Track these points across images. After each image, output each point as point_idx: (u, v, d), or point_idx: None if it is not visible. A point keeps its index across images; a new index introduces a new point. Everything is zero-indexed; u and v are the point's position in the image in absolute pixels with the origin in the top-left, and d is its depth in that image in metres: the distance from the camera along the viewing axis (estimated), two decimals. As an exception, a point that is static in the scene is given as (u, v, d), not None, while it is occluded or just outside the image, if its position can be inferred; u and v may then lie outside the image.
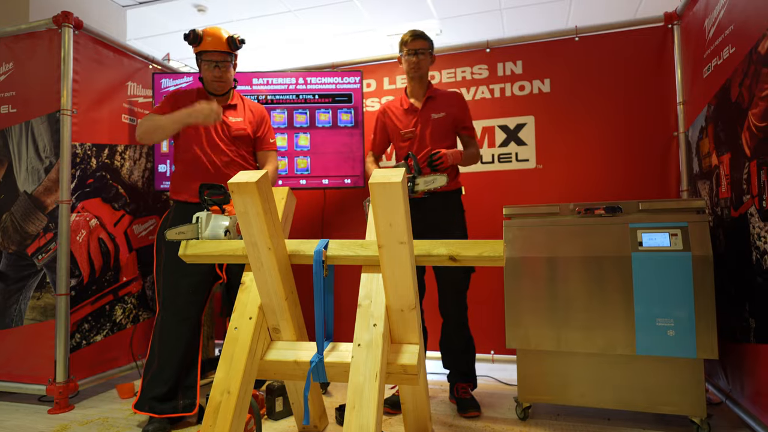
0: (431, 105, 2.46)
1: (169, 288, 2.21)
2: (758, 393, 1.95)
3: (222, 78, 2.26)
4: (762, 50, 1.80)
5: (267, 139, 2.43)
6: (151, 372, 2.16)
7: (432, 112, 2.45)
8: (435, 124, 2.43)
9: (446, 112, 2.44)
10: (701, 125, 2.49)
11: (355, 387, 1.35)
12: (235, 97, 2.40)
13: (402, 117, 2.51)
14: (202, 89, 2.34)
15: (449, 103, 2.47)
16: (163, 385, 2.13)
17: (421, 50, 2.40)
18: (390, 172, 1.32)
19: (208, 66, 2.24)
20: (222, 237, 1.74)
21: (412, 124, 2.45)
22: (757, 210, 1.89)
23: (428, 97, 2.47)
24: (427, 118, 2.44)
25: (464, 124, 2.48)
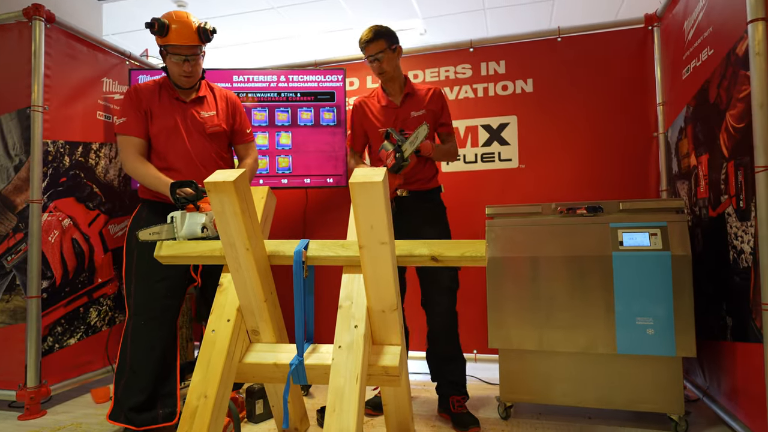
0: (410, 102, 2.37)
1: (142, 291, 2.09)
2: (734, 390, 1.97)
3: (191, 73, 2.13)
4: (740, 52, 1.82)
5: (244, 131, 2.33)
6: (124, 380, 2.04)
7: (411, 109, 2.36)
8: (414, 122, 2.34)
9: (426, 110, 2.36)
10: (680, 126, 2.52)
11: (335, 389, 1.32)
12: (204, 87, 2.26)
13: (380, 114, 2.40)
14: (166, 83, 2.19)
15: (428, 99, 2.39)
16: (140, 394, 2.01)
17: (379, 53, 2.27)
18: (371, 171, 1.30)
19: (177, 60, 2.08)
20: (200, 234, 1.70)
21: (391, 122, 2.37)
22: (735, 210, 1.91)
23: (406, 94, 2.38)
24: (406, 116, 2.36)
25: (443, 120, 2.42)
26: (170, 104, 2.17)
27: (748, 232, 1.81)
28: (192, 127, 2.17)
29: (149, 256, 1.70)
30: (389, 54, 2.29)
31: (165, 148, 2.15)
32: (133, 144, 2.12)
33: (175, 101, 2.18)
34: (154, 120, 2.14)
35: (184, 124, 2.16)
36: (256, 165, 2.36)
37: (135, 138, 2.12)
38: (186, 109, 2.18)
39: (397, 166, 2.09)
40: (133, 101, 2.14)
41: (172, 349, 2.13)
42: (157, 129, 2.14)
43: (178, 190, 1.85)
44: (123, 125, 2.12)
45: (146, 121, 2.14)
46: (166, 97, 2.18)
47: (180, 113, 2.17)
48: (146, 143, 2.15)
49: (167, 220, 1.70)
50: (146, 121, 2.14)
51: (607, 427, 2.09)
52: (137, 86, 2.19)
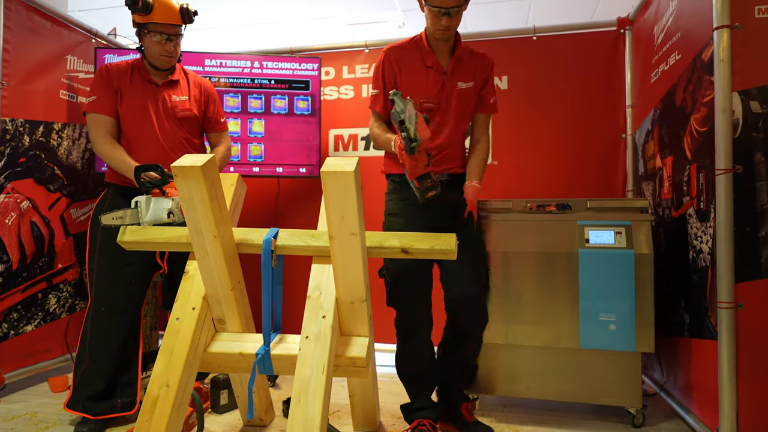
0: (459, 69, 1.91)
1: (104, 278, 2.03)
2: (689, 385, 2.05)
3: (172, 53, 2.09)
4: (705, 58, 1.88)
5: (218, 119, 2.29)
6: (83, 368, 2.00)
7: (459, 79, 1.90)
8: (461, 96, 1.91)
9: (474, 82, 1.92)
10: (648, 128, 2.59)
11: (301, 380, 1.31)
12: (178, 71, 2.21)
13: (421, 76, 1.90)
14: (138, 64, 2.14)
15: (480, 68, 1.94)
16: (99, 382, 1.97)
17: (456, 7, 1.78)
18: (343, 161, 1.29)
19: (159, 39, 2.04)
20: (165, 220, 1.65)
21: (435, 91, 1.89)
22: (696, 211, 1.98)
23: (458, 57, 1.90)
24: (452, 86, 1.90)
25: (487, 100, 1.96)
26: (141, 86, 2.12)
27: (707, 233, 1.87)
28: (162, 110, 2.12)
29: (113, 242, 1.65)
30: (462, 9, 1.82)
31: (132, 131, 2.10)
32: (102, 123, 2.06)
33: (147, 83, 2.13)
34: (123, 100, 2.09)
35: (154, 106, 2.11)
36: (228, 153, 2.31)
37: (105, 116, 2.07)
38: (158, 92, 2.13)
39: (409, 148, 1.60)
40: (104, 79, 2.09)
41: (134, 338, 2.09)
42: (125, 110, 2.09)
43: (143, 173, 1.80)
44: (93, 103, 2.07)
45: (116, 101, 2.09)
46: (138, 78, 2.13)
47: (151, 96, 2.12)
48: (116, 123, 2.10)
49: (131, 205, 1.65)
50: (116, 100, 2.09)
51: (568, 419, 2.14)
52: (109, 65, 2.13)
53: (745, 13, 1.72)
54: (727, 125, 1.72)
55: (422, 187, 1.67)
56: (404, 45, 1.97)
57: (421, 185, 1.67)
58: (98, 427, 1.96)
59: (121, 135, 2.13)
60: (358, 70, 3.25)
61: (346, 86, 3.26)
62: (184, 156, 1.40)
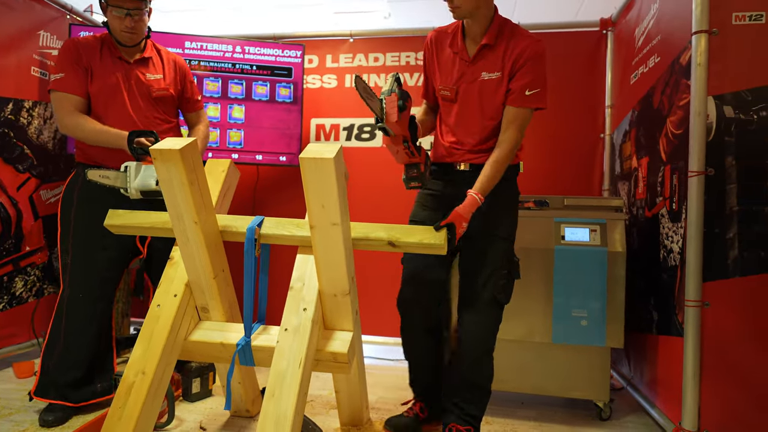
0: (486, 58, 1.71)
1: (80, 262, 1.96)
2: (654, 380, 2.13)
3: (134, 29, 1.96)
4: (683, 62, 1.93)
5: (194, 98, 2.21)
6: (56, 356, 1.93)
7: (483, 69, 1.70)
8: (484, 87, 1.71)
9: (502, 73, 1.69)
10: (625, 129, 2.64)
11: (276, 373, 1.30)
12: (149, 48, 2.09)
13: (446, 63, 1.76)
14: (108, 39, 2.02)
15: (510, 56, 1.68)
16: (76, 369, 1.92)
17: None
18: (324, 147, 1.26)
19: (118, 13, 1.91)
20: (153, 188, 1.62)
21: (453, 80, 1.74)
22: (668, 211, 2.04)
23: (485, 44, 1.69)
24: (475, 77, 1.72)
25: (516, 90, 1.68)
26: (112, 63, 2.00)
27: (678, 233, 1.93)
28: (136, 89, 2.02)
29: (89, 226, 1.60)
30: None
31: (104, 110, 1.97)
32: (71, 101, 1.92)
33: (118, 60, 2.02)
34: (94, 78, 1.96)
35: (126, 85, 2.00)
36: (208, 132, 2.25)
37: (73, 96, 1.93)
38: (129, 70, 2.02)
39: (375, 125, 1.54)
40: (71, 55, 1.95)
41: (109, 324, 2.05)
42: (96, 89, 1.96)
43: (136, 139, 1.74)
44: (59, 81, 1.93)
45: (86, 79, 1.96)
46: (108, 55, 2.01)
47: (123, 73, 2.01)
48: (86, 102, 1.97)
49: (121, 169, 1.60)
50: (86, 78, 1.96)
51: (538, 412, 2.20)
52: (77, 39, 2.00)
53: (723, 20, 1.77)
54: (702, 129, 1.77)
55: (407, 175, 1.61)
56: (447, 27, 1.81)
57: (407, 173, 1.61)
58: (65, 415, 1.91)
59: (91, 115, 2.00)
60: (342, 60, 3.22)
61: (329, 75, 3.23)
62: (165, 139, 1.37)
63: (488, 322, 1.76)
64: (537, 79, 1.69)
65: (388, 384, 2.50)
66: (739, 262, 1.75)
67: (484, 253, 1.74)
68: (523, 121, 1.72)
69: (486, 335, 1.77)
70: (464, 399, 1.76)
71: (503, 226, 1.77)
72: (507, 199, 1.80)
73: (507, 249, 1.77)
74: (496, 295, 1.73)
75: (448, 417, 1.77)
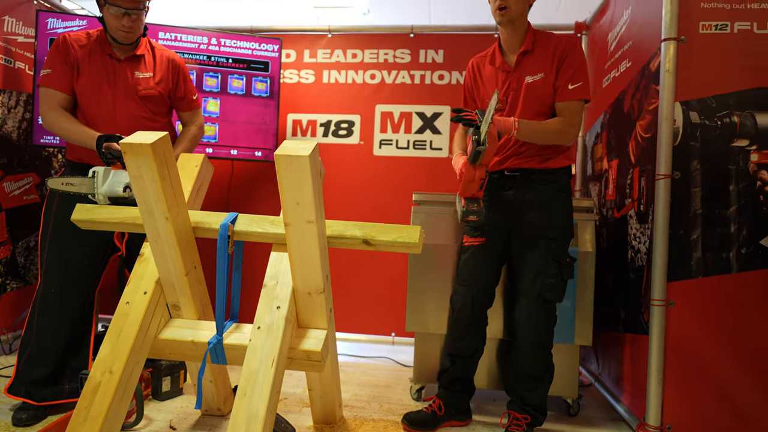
0: (527, 63, 1.85)
1: (56, 258, 1.93)
2: (621, 378, 2.19)
3: (131, 28, 1.94)
4: (653, 68, 1.98)
5: (189, 98, 2.18)
6: (28, 352, 1.90)
7: (527, 73, 1.84)
8: (530, 90, 1.83)
9: (545, 73, 1.82)
10: (597, 131, 2.70)
11: (249, 372, 1.29)
12: (143, 46, 2.06)
13: (490, 80, 1.92)
14: (100, 36, 2.00)
15: (551, 57, 1.83)
16: (45, 367, 1.88)
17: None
18: (299, 144, 1.25)
19: (116, 12, 1.90)
20: (121, 194, 1.58)
21: (503, 91, 1.87)
22: (636, 213, 2.10)
23: (524, 51, 1.85)
24: (520, 82, 1.85)
25: (558, 82, 1.82)
26: (101, 60, 1.99)
27: (645, 234, 1.99)
28: (122, 87, 1.99)
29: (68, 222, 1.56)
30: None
31: (89, 107, 1.97)
32: (55, 98, 1.94)
33: (107, 58, 1.99)
34: (80, 75, 1.96)
35: (112, 83, 1.98)
36: (200, 132, 2.22)
37: (58, 92, 1.94)
38: (118, 68, 2.00)
39: (473, 153, 1.61)
40: (60, 52, 1.95)
41: (85, 321, 2.00)
42: (81, 86, 1.96)
43: (105, 144, 1.71)
44: (46, 77, 1.94)
45: (72, 75, 1.96)
46: (98, 51, 1.99)
47: (110, 71, 1.99)
48: (70, 99, 1.97)
49: (89, 174, 1.57)
50: (72, 75, 1.96)
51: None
52: (68, 35, 2.00)
53: (691, 28, 1.83)
54: (669, 133, 1.83)
55: (467, 208, 1.70)
56: (483, 52, 2.00)
57: (467, 206, 1.71)
58: (39, 414, 1.86)
59: (77, 111, 2.01)
60: (320, 55, 3.20)
61: (306, 70, 3.21)
62: (135, 133, 1.34)
63: (537, 318, 1.86)
64: (578, 72, 1.82)
65: (362, 381, 2.51)
66: (702, 263, 1.81)
67: (533, 253, 1.86)
68: (570, 114, 1.82)
69: (535, 329, 1.87)
70: (523, 389, 1.91)
71: (553, 227, 1.86)
72: (560, 203, 1.89)
73: (557, 249, 1.86)
74: (544, 294, 1.83)
75: (511, 404, 1.95)
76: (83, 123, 1.95)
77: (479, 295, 1.96)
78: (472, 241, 1.96)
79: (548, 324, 1.89)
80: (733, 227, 1.80)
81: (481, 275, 1.96)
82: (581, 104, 1.85)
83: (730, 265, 1.80)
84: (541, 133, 1.80)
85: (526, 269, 1.87)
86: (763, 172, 1.79)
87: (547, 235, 1.85)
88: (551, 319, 1.90)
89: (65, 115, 1.93)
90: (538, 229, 1.85)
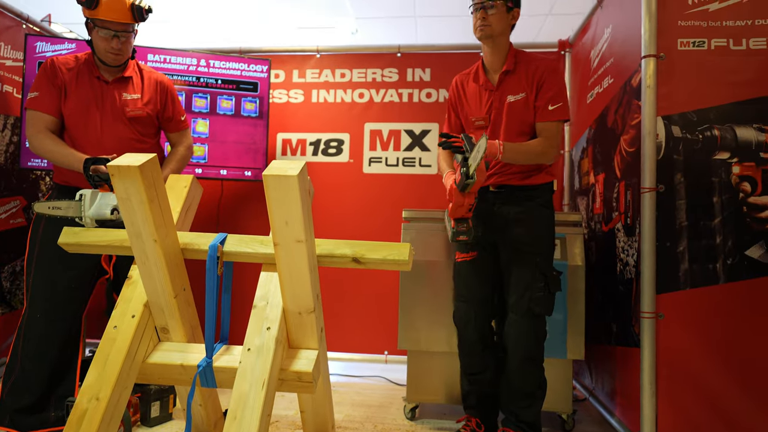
0: (509, 82, 1.91)
1: (43, 282, 1.91)
2: (615, 391, 2.19)
3: (120, 50, 1.95)
4: (634, 84, 2.02)
5: (177, 119, 2.18)
6: (12, 379, 1.86)
7: (508, 92, 1.90)
8: (512, 109, 1.89)
9: (527, 93, 1.88)
10: (583, 146, 2.74)
11: (239, 395, 1.27)
12: (131, 68, 2.08)
13: (473, 98, 1.97)
14: (88, 59, 2.01)
15: (533, 75, 1.88)
16: (30, 395, 1.84)
17: (492, 1, 1.83)
18: (288, 164, 1.26)
19: (105, 35, 1.91)
20: (108, 217, 1.57)
21: (485, 110, 1.92)
22: (623, 226, 2.12)
23: (505, 71, 1.91)
24: (502, 102, 1.90)
25: (537, 102, 1.87)
26: (89, 82, 2.00)
27: (633, 247, 2.01)
28: (109, 109, 2.00)
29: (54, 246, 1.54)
30: (502, 10, 1.85)
31: (76, 130, 1.98)
32: (42, 121, 1.94)
33: (95, 80, 2.01)
34: (67, 98, 1.97)
35: (100, 105, 1.99)
36: (189, 153, 2.22)
37: (45, 115, 1.94)
38: (106, 90, 2.01)
39: (462, 184, 1.70)
40: (48, 75, 1.96)
41: (72, 346, 1.96)
42: (69, 108, 1.97)
43: (93, 166, 1.71)
44: (34, 100, 1.94)
45: (60, 98, 1.96)
46: (86, 74, 2.00)
47: (99, 93, 2.00)
48: (58, 122, 1.98)
49: (75, 197, 1.56)
50: (60, 97, 1.96)
51: (504, 423, 2.22)
52: (56, 59, 2.00)
53: (670, 45, 1.88)
54: (652, 147, 1.86)
55: (457, 228, 1.77)
56: (467, 70, 2.06)
57: (457, 226, 1.77)
58: None
59: (65, 133, 2.00)
60: (309, 75, 3.23)
61: (296, 90, 3.23)
62: (123, 155, 1.34)
63: (526, 332, 1.87)
64: (558, 93, 1.88)
65: (355, 401, 2.49)
66: (690, 274, 1.83)
67: (519, 268, 1.88)
68: (550, 135, 1.88)
69: (525, 344, 1.88)
70: (517, 406, 1.91)
71: (539, 242, 1.90)
72: (543, 218, 1.93)
73: (542, 263, 1.89)
74: (533, 307, 1.85)
75: (506, 422, 1.94)
76: (70, 145, 1.95)
77: (480, 309, 1.97)
78: (465, 256, 1.98)
79: (538, 338, 1.90)
80: (719, 238, 1.83)
81: (478, 289, 1.97)
82: (560, 125, 1.91)
83: (717, 276, 1.82)
84: (524, 155, 1.85)
85: (514, 284, 1.89)
86: (745, 183, 1.82)
87: (532, 250, 1.88)
88: (541, 334, 1.91)
89: (52, 138, 1.93)
90: (523, 244, 1.88)
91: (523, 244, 1.88)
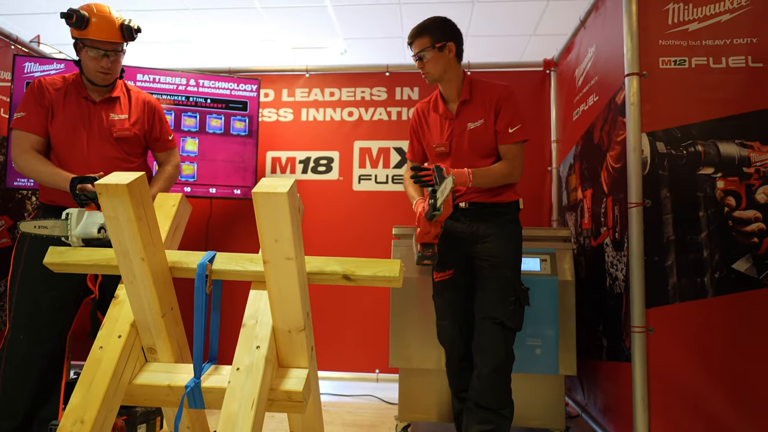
0: (467, 111, 1.99)
1: (26, 302, 1.87)
2: (607, 407, 2.18)
3: (110, 70, 1.96)
4: (618, 101, 2.07)
5: (165, 138, 2.17)
6: None
7: (468, 120, 1.98)
8: (473, 135, 1.97)
9: (485, 119, 1.96)
10: (570, 162, 2.78)
11: (228, 416, 1.24)
12: (119, 88, 2.08)
13: (434, 126, 2.05)
14: (76, 79, 2.01)
15: (490, 102, 1.96)
16: (12, 420, 1.79)
17: (422, 52, 1.94)
18: (277, 181, 1.26)
19: (95, 54, 1.91)
20: (95, 236, 1.55)
21: (445, 137, 2.01)
22: (611, 240, 2.14)
23: (463, 101, 1.99)
24: (462, 129, 1.98)
25: (496, 127, 1.95)
26: (76, 103, 1.99)
27: (622, 261, 2.02)
28: (96, 129, 1.99)
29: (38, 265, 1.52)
30: (436, 51, 1.93)
31: (63, 150, 1.96)
32: (29, 140, 1.93)
33: (82, 100, 2.00)
34: (54, 118, 1.96)
35: (87, 125, 1.98)
36: (176, 172, 2.21)
37: (31, 135, 1.94)
38: (93, 110, 2.01)
39: (430, 215, 1.78)
40: (35, 95, 1.96)
41: (56, 368, 1.92)
42: (56, 128, 1.96)
43: (80, 185, 1.70)
44: (20, 120, 1.94)
45: (47, 118, 1.96)
46: (74, 94, 2.00)
47: (85, 113, 1.99)
48: (44, 141, 1.97)
49: (62, 216, 1.54)
50: (47, 117, 1.96)
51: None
52: (43, 79, 2.00)
53: (652, 63, 1.92)
54: (638, 163, 1.89)
55: (423, 253, 1.83)
56: (428, 98, 2.13)
57: (423, 251, 1.83)
58: None
59: (51, 153, 1.99)
60: (298, 94, 3.26)
61: (285, 109, 3.25)
62: (111, 173, 1.33)
63: (494, 343, 1.88)
64: (515, 116, 1.96)
65: (347, 421, 2.45)
66: (678, 288, 1.85)
67: (490, 283, 1.92)
68: (513, 156, 1.97)
69: (492, 354, 1.88)
70: (484, 423, 1.87)
71: (509, 258, 1.94)
72: (511, 233, 1.98)
73: (512, 277, 1.93)
74: (505, 321, 1.88)
75: None
76: (57, 165, 1.94)
77: (463, 326, 1.98)
78: (442, 275, 2.01)
79: (507, 350, 1.90)
80: (706, 252, 1.85)
81: (459, 306, 2.00)
82: (521, 146, 1.99)
83: (705, 290, 1.83)
84: (492, 178, 1.93)
85: (485, 299, 1.92)
86: (729, 198, 1.85)
87: (501, 265, 1.92)
88: (510, 348, 1.91)
89: (38, 158, 1.92)
90: (493, 260, 1.92)
91: (493, 259, 1.92)
